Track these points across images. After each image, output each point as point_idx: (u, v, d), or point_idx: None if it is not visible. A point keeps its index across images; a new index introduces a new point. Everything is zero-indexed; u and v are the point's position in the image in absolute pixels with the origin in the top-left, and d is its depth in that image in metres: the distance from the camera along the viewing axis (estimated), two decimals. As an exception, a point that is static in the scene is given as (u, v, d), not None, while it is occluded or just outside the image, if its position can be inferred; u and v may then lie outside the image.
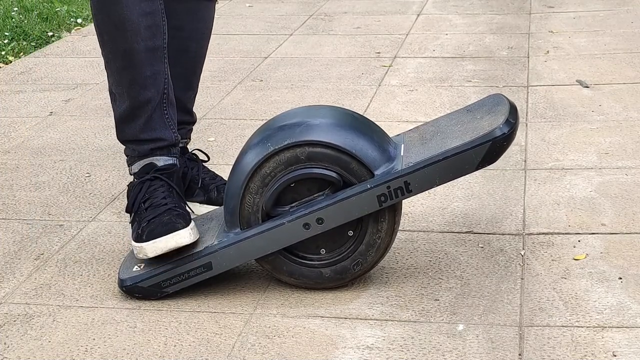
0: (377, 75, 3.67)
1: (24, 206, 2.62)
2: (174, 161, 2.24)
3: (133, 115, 2.19)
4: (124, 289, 2.10)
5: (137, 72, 2.15)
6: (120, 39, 2.13)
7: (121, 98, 2.20)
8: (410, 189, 2.01)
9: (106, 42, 2.17)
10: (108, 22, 2.14)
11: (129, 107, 2.19)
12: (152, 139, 2.21)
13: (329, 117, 2.07)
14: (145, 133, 2.20)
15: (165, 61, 2.18)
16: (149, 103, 2.18)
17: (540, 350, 1.85)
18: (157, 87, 2.18)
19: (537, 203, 2.49)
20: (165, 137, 2.22)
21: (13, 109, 3.47)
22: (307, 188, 2.06)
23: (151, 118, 2.19)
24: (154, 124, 2.20)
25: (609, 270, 2.13)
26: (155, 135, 2.20)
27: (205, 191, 2.45)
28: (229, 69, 3.86)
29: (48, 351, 1.92)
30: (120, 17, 2.12)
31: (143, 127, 2.20)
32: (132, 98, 2.18)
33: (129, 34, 2.13)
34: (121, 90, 2.19)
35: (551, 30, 4.21)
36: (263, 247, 2.06)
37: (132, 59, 2.14)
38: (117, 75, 2.18)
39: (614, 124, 3.01)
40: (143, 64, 2.15)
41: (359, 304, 2.05)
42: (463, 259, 2.22)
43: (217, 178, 2.48)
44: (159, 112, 2.20)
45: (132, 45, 2.13)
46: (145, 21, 2.13)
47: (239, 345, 1.92)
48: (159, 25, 2.16)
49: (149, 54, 2.15)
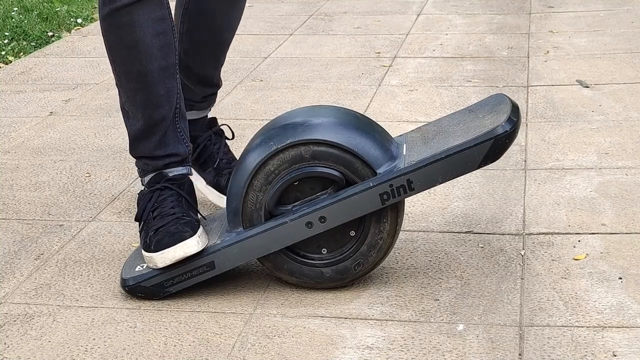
0: (377, 75, 3.67)
1: (24, 206, 2.62)
2: (187, 171, 2.24)
3: (148, 133, 2.19)
4: (126, 288, 2.10)
5: (151, 92, 2.15)
6: (134, 61, 2.12)
7: (134, 117, 2.19)
8: (412, 187, 2.01)
9: (118, 63, 2.15)
10: (120, 45, 2.12)
11: (143, 125, 2.18)
12: (167, 155, 2.20)
13: (332, 117, 2.08)
14: (160, 149, 2.20)
15: (177, 76, 2.18)
16: (163, 121, 2.18)
17: (540, 350, 1.85)
18: (170, 104, 2.17)
19: (537, 203, 2.49)
20: (179, 152, 2.21)
21: (13, 109, 3.47)
22: (310, 187, 2.06)
23: (165, 135, 2.19)
24: (167, 140, 2.19)
25: (609, 270, 2.13)
26: (169, 151, 2.20)
27: (217, 174, 2.46)
28: (229, 69, 3.85)
29: (48, 351, 1.92)
30: (133, 39, 2.10)
31: (158, 144, 2.19)
32: (146, 117, 2.17)
33: (143, 57, 2.11)
34: (135, 109, 2.18)
35: (551, 30, 4.21)
36: (266, 245, 2.06)
37: (146, 80, 2.13)
38: (130, 95, 2.17)
39: (614, 124, 3.01)
40: (157, 83, 2.14)
41: (359, 304, 2.05)
42: (463, 259, 2.22)
43: (232, 164, 2.48)
44: (172, 127, 2.19)
45: (146, 67, 2.12)
46: (158, 42, 2.12)
47: (239, 345, 1.92)
48: (171, 44, 2.15)
49: (162, 73, 2.14)
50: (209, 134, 2.49)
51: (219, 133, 2.52)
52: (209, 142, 2.47)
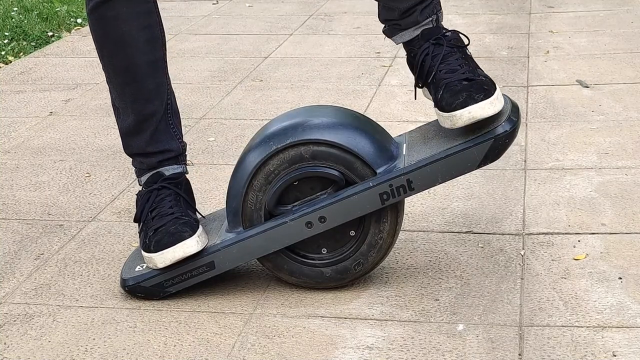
0: (377, 75, 3.67)
1: (24, 206, 2.62)
2: (182, 169, 2.23)
3: (139, 129, 2.18)
4: (126, 288, 2.10)
5: (140, 86, 2.14)
6: (121, 55, 2.12)
7: (125, 112, 2.19)
8: (412, 187, 2.01)
9: (106, 58, 2.16)
10: (107, 39, 2.12)
11: (134, 121, 2.17)
12: (160, 151, 2.20)
13: (332, 117, 2.08)
14: (152, 146, 2.19)
15: (166, 72, 2.18)
16: (154, 115, 2.17)
17: (540, 350, 1.85)
18: (160, 98, 2.17)
19: (537, 203, 2.49)
20: (172, 148, 2.21)
21: (13, 109, 3.47)
22: (310, 187, 2.06)
23: (157, 130, 2.18)
24: (160, 136, 2.19)
25: (609, 270, 2.13)
26: (162, 147, 2.19)
27: (435, 89, 2.09)
28: (229, 69, 3.85)
29: (48, 351, 1.92)
30: (119, 33, 2.10)
31: (150, 140, 2.18)
32: (136, 112, 2.16)
33: (129, 50, 2.11)
34: (125, 104, 2.17)
35: (551, 30, 4.21)
36: (266, 245, 2.06)
37: (134, 74, 2.13)
38: (119, 90, 2.17)
39: (614, 124, 3.01)
40: (145, 77, 2.14)
41: (359, 304, 2.05)
42: (463, 259, 2.22)
43: (456, 72, 2.08)
44: (164, 123, 2.19)
45: (133, 61, 2.12)
46: (144, 35, 2.12)
47: (239, 345, 1.92)
48: (157, 38, 2.15)
49: (150, 67, 2.14)
50: (426, 46, 2.12)
51: (440, 43, 2.12)
52: (426, 56, 2.11)
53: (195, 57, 4.06)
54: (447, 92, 2.03)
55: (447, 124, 2.02)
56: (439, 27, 2.14)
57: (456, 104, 1.99)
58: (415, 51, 2.14)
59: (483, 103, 1.98)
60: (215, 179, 2.75)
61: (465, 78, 2.04)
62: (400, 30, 2.15)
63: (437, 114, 2.06)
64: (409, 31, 2.14)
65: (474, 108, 1.98)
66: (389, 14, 2.15)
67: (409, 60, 2.17)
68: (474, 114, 1.98)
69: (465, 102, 1.98)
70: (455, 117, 1.98)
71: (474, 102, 1.98)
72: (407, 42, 2.16)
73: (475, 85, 2.01)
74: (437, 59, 2.10)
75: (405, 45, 2.17)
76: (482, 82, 2.02)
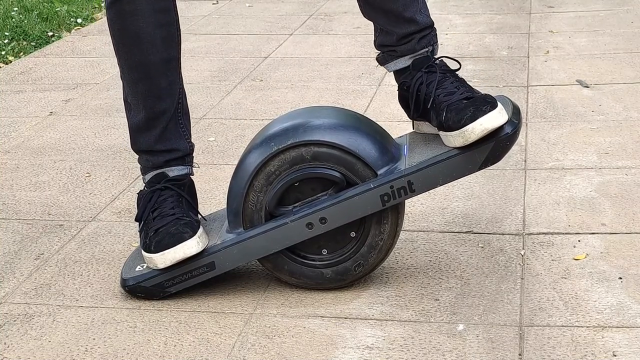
0: (377, 75, 3.67)
1: (24, 206, 2.62)
2: (188, 170, 2.23)
3: (149, 126, 2.18)
4: (126, 288, 2.10)
5: (153, 83, 2.14)
6: (136, 51, 2.12)
7: (136, 108, 2.19)
8: (413, 188, 2.01)
9: (121, 53, 2.16)
10: (124, 34, 2.12)
11: (144, 117, 2.17)
12: (167, 150, 2.20)
13: (333, 118, 2.08)
14: (160, 144, 2.19)
15: (179, 71, 2.18)
16: (165, 114, 2.17)
17: (540, 350, 1.85)
18: (172, 97, 2.17)
19: (537, 203, 2.49)
20: (179, 148, 2.21)
21: (13, 109, 3.47)
22: (311, 187, 2.06)
23: (166, 129, 2.18)
24: (169, 135, 2.19)
25: (609, 270, 2.13)
26: (169, 146, 2.19)
27: (435, 114, 2.08)
28: (229, 69, 3.86)
29: (48, 351, 1.92)
30: (136, 29, 2.10)
31: (158, 138, 2.18)
32: (148, 109, 2.17)
33: (145, 46, 2.12)
34: (136, 100, 2.18)
35: (551, 30, 4.21)
36: (266, 246, 2.06)
37: (148, 71, 2.13)
38: (132, 86, 2.17)
39: (614, 124, 3.01)
40: (158, 75, 2.14)
41: (359, 304, 2.05)
42: (463, 259, 2.22)
43: (454, 94, 2.08)
44: (174, 122, 2.19)
45: (148, 57, 2.12)
46: (161, 33, 2.12)
47: (239, 345, 1.92)
48: (173, 36, 2.15)
49: (164, 65, 2.14)
50: (419, 75, 2.13)
51: (432, 71, 2.13)
52: (421, 85, 2.12)
53: (195, 57, 4.06)
54: (451, 112, 2.03)
55: (458, 142, 2.01)
56: (428, 57, 2.16)
57: (465, 119, 1.99)
58: (409, 83, 2.15)
59: (492, 113, 1.98)
60: (216, 179, 2.75)
61: (465, 97, 2.05)
62: (395, 57, 2.18)
63: (444, 136, 2.05)
64: (404, 59, 2.17)
65: (485, 119, 1.97)
66: (386, 39, 2.18)
67: (402, 95, 2.19)
68: (486, 125, 1.97)
69: (474, 115, 1.98)
70: (467, 131, 1.98)
71: (483, 113, 1.98)
72: (399, 70, 2.18)
73: (478, 100, 2.02)
74: (433, 85, 2.11)
75: (397, 77, 2.19)
76: (483, 97, 2.03)
